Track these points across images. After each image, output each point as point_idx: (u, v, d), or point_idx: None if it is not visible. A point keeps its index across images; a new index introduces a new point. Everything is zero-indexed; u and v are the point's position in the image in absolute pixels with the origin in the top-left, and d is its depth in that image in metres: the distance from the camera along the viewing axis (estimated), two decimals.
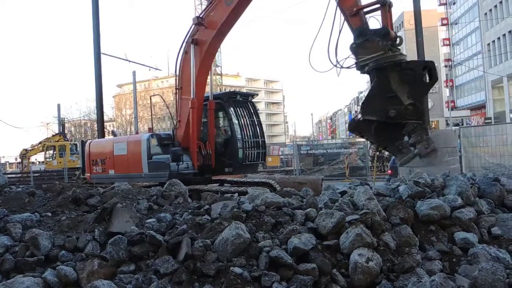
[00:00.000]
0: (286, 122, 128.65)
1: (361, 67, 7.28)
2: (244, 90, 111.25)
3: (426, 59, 15.93)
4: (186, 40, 11.26)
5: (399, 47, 7.25)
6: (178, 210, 6.11)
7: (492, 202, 5.94)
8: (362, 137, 8.07)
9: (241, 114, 12.36)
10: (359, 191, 5.61)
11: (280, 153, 41.11)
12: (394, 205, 5.45)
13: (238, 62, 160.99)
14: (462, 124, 61.70)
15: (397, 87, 7.02)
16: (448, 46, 61.33)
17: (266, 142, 12.70)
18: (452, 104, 58.57)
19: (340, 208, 5.32)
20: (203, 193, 8.19)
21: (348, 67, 7.40)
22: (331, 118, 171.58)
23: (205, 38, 11.00)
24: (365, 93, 7.81)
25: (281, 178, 11.84)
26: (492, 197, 6.03)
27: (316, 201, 5.65)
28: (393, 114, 7.01)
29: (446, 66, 61.85)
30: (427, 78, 7.12)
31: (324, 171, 24.68)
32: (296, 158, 26.01)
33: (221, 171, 11.78)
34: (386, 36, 7.19)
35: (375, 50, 7.13)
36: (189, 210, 5.82)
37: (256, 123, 12.48)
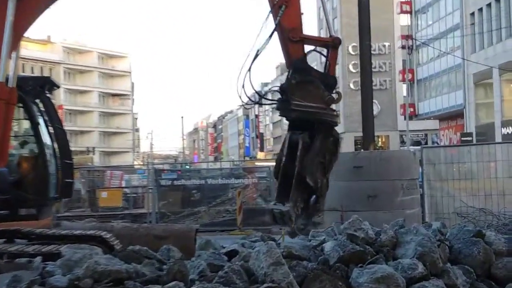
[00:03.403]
0: (137, 130, 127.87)
1: (290, 110, 8.90)
2: (61, 67, 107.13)
3: (373, 33, 16.84)
4: None
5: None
6: None
7: (472, 271, 6.38)
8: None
9: (51, 116, 12.08)
10: (258, 252, 5.70)
11: (123, 184, 40.54)
12: (316, 274, 5.62)
13: (51, 22, 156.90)
14: (426, 143, 65.77)
15: (327, 155, 8.84)
16: (409, 14, 64.59)
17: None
18: (412, 109, 61.86)
19: (226, 281, 5.35)
20: None
21: (267, 104, 8.68)
22: (214, 126, 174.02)
23: None
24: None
25: (124, 229, 11.66)
26: (472, 263, 6.48)
27: (185, 268, 5.64)
28: (318, 185, 8.60)
29: (403, 47, 65.32)
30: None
31: (200, 215, 24.74)
32: (152, 193, 25.80)
33: (13, 215, 11.27)
34: (332, 88, 9.07)
35: (317, 99, 8.88)
36: None
37: (62, 131, 12.31)
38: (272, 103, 9.55)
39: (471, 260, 6.52)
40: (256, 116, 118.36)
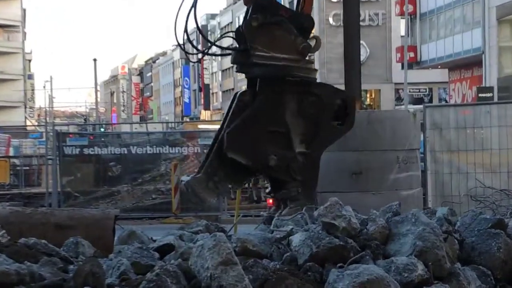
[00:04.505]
0: (30, 76, 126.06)
1: (252, 65, 9.20)
2: None
3: None
4: None
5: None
6: None
7: (489, 274, 6.49)
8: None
9: None
10: (202, 247, 5.74)
11: (11, 153, 40.22)
12: (279, 277, 5.68)
13: None
14: (431, 100, 66.02)
15: (292, 120, 9.22)
16: None
17: None
18: (412, 54, 62.21)
19: (157, 286, 5.39)
20: None
21: (217, 55, 10.20)
22: (141, 74, 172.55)
23: None
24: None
25: (12, 214, 11.61)
26: (489, 263, 6.60)
27: (100, 269, 5.64)
28: (273, 163, 9.06)
29: None
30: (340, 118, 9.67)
31: (121, 197, 24.78)
32: (53, 165, 25.68)
33: None
34: (307, 31, 9.39)
35: (288, 48, 9.13)
36: None
37: None
38: (225, 54, 9.60)
39: (488, 258, 6.62)
40: (199, 61, 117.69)
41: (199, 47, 10.17)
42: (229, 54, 9.65)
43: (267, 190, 9.59)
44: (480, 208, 10.17)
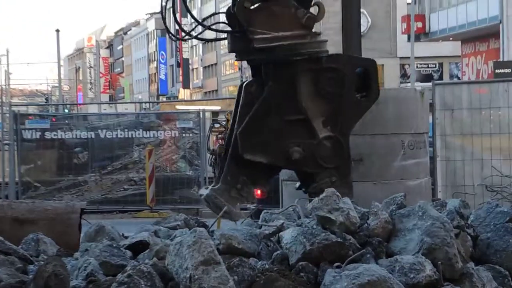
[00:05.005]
0: None
1: (253, 51, 9.12)
2: None
3: None
4: None
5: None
6: None
7: (506, 274, 6.51)
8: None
9: None
10: (181, 244, 5.73)
11: None
12: (268, 278, 5.69)
13: None
14: (441, 77, 66.08)
15: (310, 103, 9.22)
16: None
17: None
18: (420, 24, 62.17)
19: (130, 287, 5.38)
20: None
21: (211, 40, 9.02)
22: (110, 46, 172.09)
23: None
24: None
25: None
26: (506, 262, 6.63)
27: (64, 270, 5.64)
28: (297, 156, 9.05)
29: None
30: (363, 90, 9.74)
31: (88, 188, 24.74)
32: (10, 151, 25.62)
33: None
34: (307, 1, 9.50)
35: (290, 23, 9.16)
36: None
37: None
38: (219, 39, 9.60)
39: (505, 257, 6.61)
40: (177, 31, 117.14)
41: (176, 16, 10.09)
42: (223, 39, 9.62)
43: (297, 185, 9.53)
44: (496, 199, 10.17)
